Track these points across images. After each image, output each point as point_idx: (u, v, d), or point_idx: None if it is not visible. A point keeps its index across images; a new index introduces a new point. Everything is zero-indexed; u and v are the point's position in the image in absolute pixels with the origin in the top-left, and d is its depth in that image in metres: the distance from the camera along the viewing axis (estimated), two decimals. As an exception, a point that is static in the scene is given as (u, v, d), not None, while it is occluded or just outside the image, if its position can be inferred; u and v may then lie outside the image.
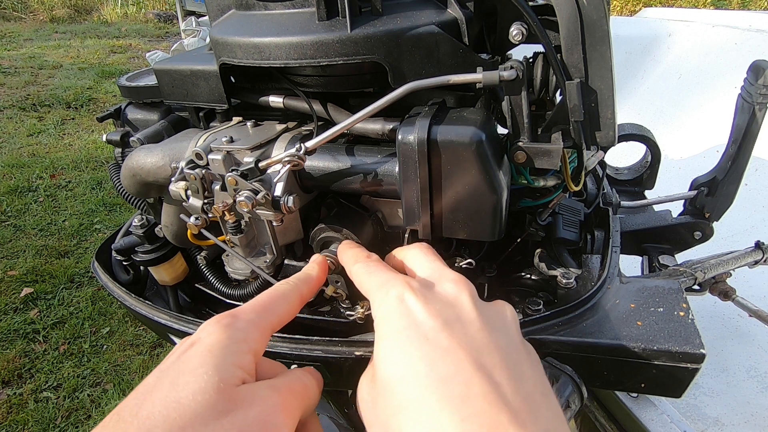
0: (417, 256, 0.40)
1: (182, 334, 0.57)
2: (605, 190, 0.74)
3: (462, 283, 0.35)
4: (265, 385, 0.31)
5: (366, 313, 0.53)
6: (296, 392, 0.33)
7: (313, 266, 0.44)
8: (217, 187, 0.47)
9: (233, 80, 0.57)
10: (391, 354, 0.31)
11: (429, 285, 0.36)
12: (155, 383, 0.29)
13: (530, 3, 0.43)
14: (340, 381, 0.52)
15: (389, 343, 0.32)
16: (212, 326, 0.32)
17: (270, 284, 0.58)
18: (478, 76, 0.41)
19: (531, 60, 0.45)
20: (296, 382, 0.34)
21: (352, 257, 0.42)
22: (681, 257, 0.74)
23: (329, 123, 0.52)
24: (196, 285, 0.69)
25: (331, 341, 0.50)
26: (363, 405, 0.33)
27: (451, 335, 0.30)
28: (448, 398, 0.27)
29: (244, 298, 0.62)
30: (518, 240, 0.62)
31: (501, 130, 0.48)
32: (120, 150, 0.66)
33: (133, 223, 0.65)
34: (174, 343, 0.64)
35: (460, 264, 0.54)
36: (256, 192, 0.45)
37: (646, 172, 0.82)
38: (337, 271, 0.48)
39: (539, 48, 0.44)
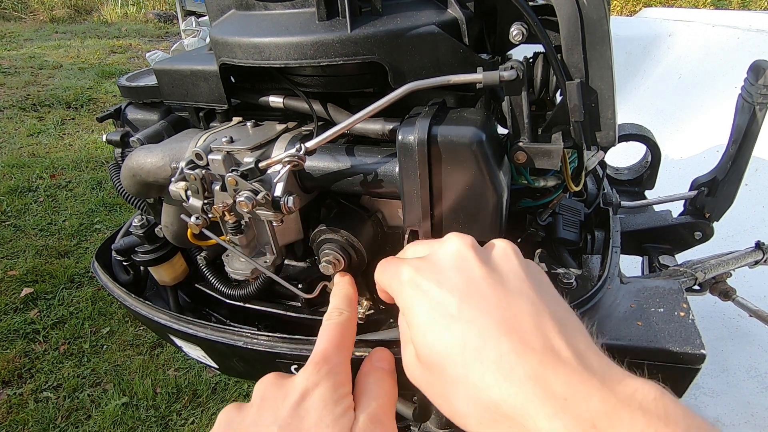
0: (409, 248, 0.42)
1: (182, 335, 0.57)
2: (605, 190, 0.74)
3: (461, 240, 0.36)
4: (368, 420, 0.34)
5: (366, 313, 0.53)
6: (389, 409, 0.36)
7: (346, 286, 0.46)
8: (217, 188, 0.47)
9: (233, 80, 0.57)
10: (426, 340, 0.32)
11: (429, 258, 0.36)
12: None
13: (530, 3, 0.43)
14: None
15: (421, 330, 0.33)
16: (315, 375, 0.35)
17: (274, 282, 0.58)
18: (478, 77, 0.41)
19: (531, 60, 0.45)
20: (384, 399, 0.36)
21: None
22: (681, 257, 0.74)
23: (329, 123, 0.52)
24: (196, 285, 0.69)
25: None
26: (420, 384, 0.34)
27: (471, 306, 0.31)
28: (488, 370, 0.29)
29: (244, 298, 0.62)
30: (518, 240, 0.62)
31: (501, 130, 0.48)
32: (120, 150, 0.66)
33: (133, 223, 0.65)
34: (174, 344, 0.64)
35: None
36: (256, 192, 0.45)
37: (646, 172, 0.82)
38: (341, 268, 0.49)
39: (539, 48, 0.44)
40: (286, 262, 0.60)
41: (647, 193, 0.85)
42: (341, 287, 0.46)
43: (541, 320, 0.30)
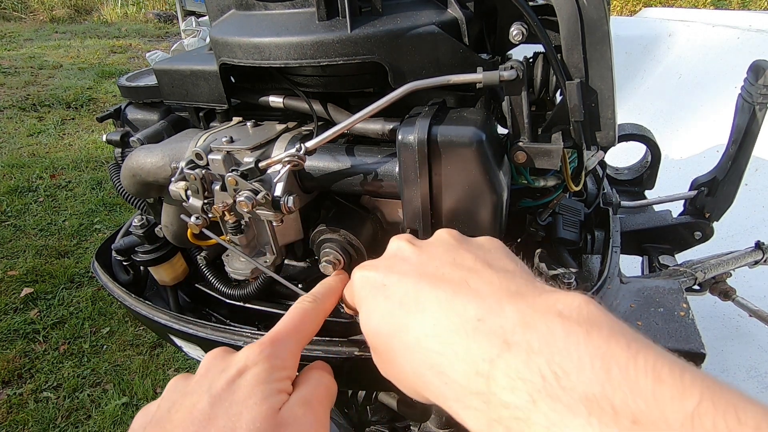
0: None
1: (182, 334, 0.57)
2: (605, 190, 0.74)
3: (399, 237, 0.39)
4: (298, 402, 0.35)
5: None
6: (323, 398, 0.37)
7: (335, 279, 0.46)
8: (217, 188, 0.47)
9: (233, 80, 0.57)
10: (366, 320, 0.35)
11: (380, 257, 0.39)
12: (211, 411, 0.33)
13: (530, 3, 0.43)
14: (341, 381, 0.51)
15: (363, 309, 0.35)
16: (256, 355, 0.36)
17: (275, 281, 0.58)
18: (478, 76, 0.41)
19: (531, 60, 0.45)
20: (320, 388, 0.38)
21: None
22: (681, 257, 0.74)
23: (329, 123, 0.52)
24: (196, 285, 0.69)
25: (331, 341, 0.50)
26: (385, 371, 0.36)
27: (397, 271, 0.34)
28: (408, 304, 0.31)
29: (244, 298, 0.62)
30: (518, 240, 0.62)
31: (501, 130, 0.48)
32: (120, 150, 0.66)
33: (133, 223, 0.65)
34: (174, 344, 0.64)
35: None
36: (256, 192, 0.45)
37: (646, 172, 0.82)
38: (341, 268, 0.49)
39: (539, 48, 0.44)
40: (286, 262, 0.60)
41: (647, 193, 0.85)
42: (329, 279, 0.47)
43: (462, 259, 0.31)
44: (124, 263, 0.71)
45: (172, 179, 0.50)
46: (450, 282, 0.30)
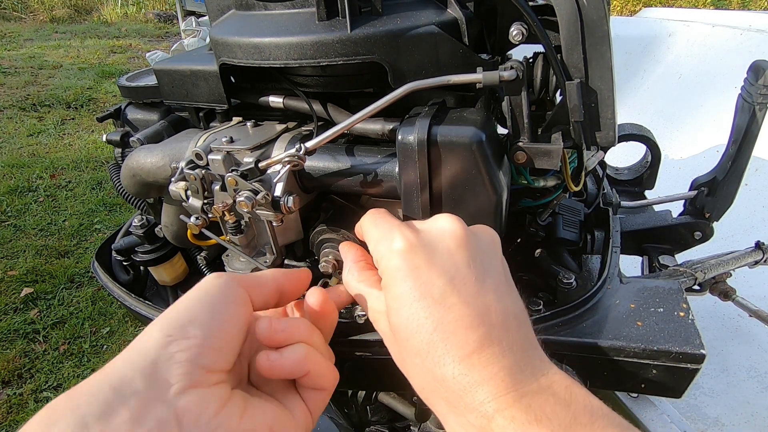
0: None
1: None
2: (605, 190, 0.74)
3: (452, 219, 0.38)
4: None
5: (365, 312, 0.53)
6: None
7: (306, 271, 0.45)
8: (217, 188, 0.47)
9: (233, 80, 0.57)
10: (401, 312, 0.35)
11: (424, 234, 0.37)
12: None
13: (530, 3, 0.43)
14: (340, 381, 0.51)
15: (400, 302, 0.35)
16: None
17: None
18: (478, 77, 0.41)
19: (531, 60, 0.45)
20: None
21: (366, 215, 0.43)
22: (681, 257, 0.74)
23: (329, 123, 0.52)
24: (196, 285, 0.69)
25: (331, 341, 0.49)
26: (384, 338, 0.39)
27: (453, 292, 0.34)
28: (449, 352, 0.33)
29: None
30: (518, 240, 0.62)
31: (501, 130, 0.48)
32: (120, 150, 0.66)
33: (133, 223, 0.65)
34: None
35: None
36: (256, 192, 0.45)
37: (646, 172, 0.82)
38: (339, 271, 0.49)
39: (539, 48, 0.44)
40: (286, 262, 0.60)
41: (647, 193, 0.85)
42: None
43: (506, 318, 0.35)
44: (124, 263, 0.71)
45: (172, 179, 0.50)
46: (492, 344, 0.33)
